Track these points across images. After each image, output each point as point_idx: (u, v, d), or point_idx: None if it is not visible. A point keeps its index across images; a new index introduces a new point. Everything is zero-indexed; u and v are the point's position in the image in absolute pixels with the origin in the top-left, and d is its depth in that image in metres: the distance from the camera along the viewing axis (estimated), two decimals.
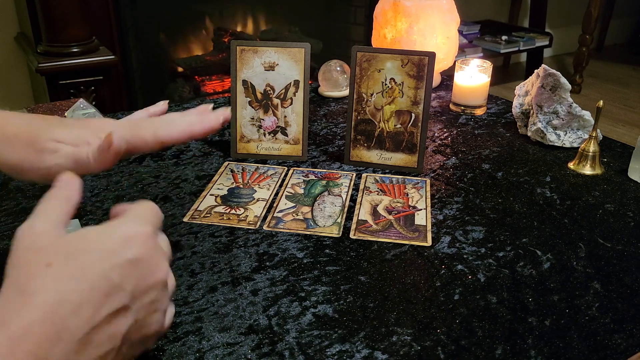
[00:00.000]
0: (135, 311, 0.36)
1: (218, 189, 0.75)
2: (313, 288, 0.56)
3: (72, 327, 0.32)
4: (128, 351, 0.36)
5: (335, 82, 1.11)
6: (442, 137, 0.94)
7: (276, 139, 0.84)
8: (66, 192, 0.40)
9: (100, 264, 0.35)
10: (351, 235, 0.65)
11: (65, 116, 0.87)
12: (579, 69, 3.13)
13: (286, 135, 0.84)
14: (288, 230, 0.66)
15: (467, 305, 0.54)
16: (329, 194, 0.74)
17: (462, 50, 2.88)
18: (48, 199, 0.39)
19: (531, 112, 0.92)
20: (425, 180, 0.79)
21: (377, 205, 0.72)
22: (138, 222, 0.39)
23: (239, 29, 2.58)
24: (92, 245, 0.36)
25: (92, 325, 0.33)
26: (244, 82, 0.83)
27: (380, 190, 0.76)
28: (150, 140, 0.49)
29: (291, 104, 0.83)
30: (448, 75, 1.22)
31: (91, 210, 0.69)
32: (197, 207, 0.71)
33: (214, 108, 0.54)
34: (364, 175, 0.80)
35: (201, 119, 0.53)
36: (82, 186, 0.41)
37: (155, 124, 0.51)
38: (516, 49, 3.09)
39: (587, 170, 0.81)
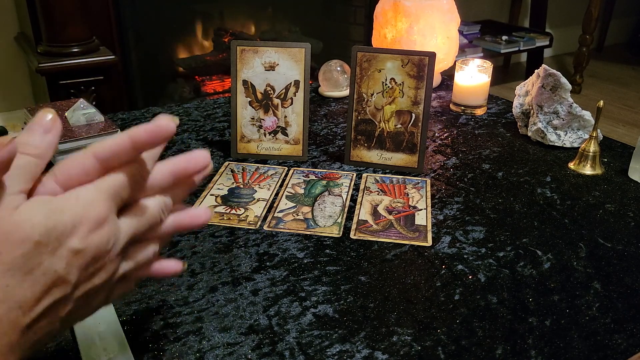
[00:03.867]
0: (75, 299, 0.35)
1: (218, 189, 0.75)
2: (313, 288, 0.56)
3: (12, 321, 0.32)
4: (65, 325, 0.36)
5: (335, 82, 1.11)
6: (442, 137, 0.94)
7: (276, 139, 0.84)
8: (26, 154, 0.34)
9: (47, 256, 0.32)
10: (351, 235, 0.65)
11: (65, 116, 0.87)
12: (579, 69, 3.13)
13: (286, 135, 0.84)
14: (288, 230, 0.66)
15: (468, 305, 0.54)
16: (330, 194, 0.74)
17: (462, 50, 2.88)
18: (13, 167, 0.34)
19: (531, 112, 0.92)
20: (426, 180, 0.79)
21: (378, 205, 0.72)
22: (95, 199, 0.35)
23: (239, 29, 2.58)
24: (39, 230, 0.32)
25: (32, 317, 0.33)
26: (245, 82, 0.83)
27: (381, 190, 0.76)
28: None
29: (291, 104, 0.83)
30: (448, 75, 1.22)
31: None
32: (198, 207, 0.71)
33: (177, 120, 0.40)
34: (364, 175, 0.80)
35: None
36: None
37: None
38: (516, 49, 3.08)
39: (588, 170, 0.81)
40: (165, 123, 0.36)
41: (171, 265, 0.43)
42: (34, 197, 0.34)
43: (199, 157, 0.40)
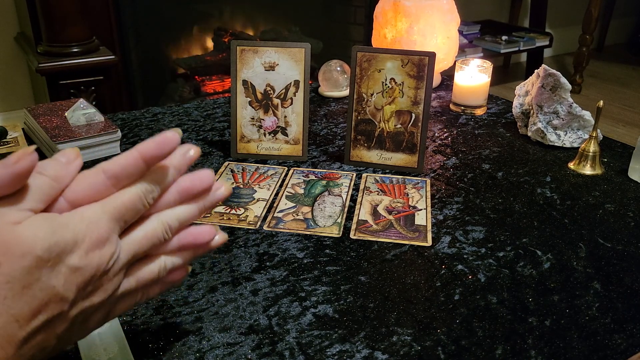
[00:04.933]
0: (72, 317, 0.35)
1: None
2: (313, 288, 0.56)
3: (8, 334, 0.32)
4: (62, 343, 0.36)
5: (335, 82, 1.11)
6: (442, 137, 0.94)
7: (276, 139, 0.84)
8: (54, 171, 0.35)
9: (46, 271, 0.33)
10: (351, 235, 0.65)
11: (65, 116, 0.87)
12: (579, 69, 3.13)
13: (286, 135, 0.84)
14: (288, 230, 0.66)
15: (468, 305, 0.54)
16: (329, 194, 0.74)
17: (462, 50, 2.88)
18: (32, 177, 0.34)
19: (531, 112, 0.92)
20: (426, 180, 0.79)
21: (377, 205, 0.72)
22: (98, 219, 0.35)
23: (239, 29, 2.58)
24: (41, 244, 0.32)
25: (28, 331, 0.33)
26: (244, 82, 0.83)
27: (381, 190, 0.76)
28: None
29: (291, 104, 0.83)
30: (448, 75, 1.22)
31: None
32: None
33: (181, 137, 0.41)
34: (364, 175, 0.80)
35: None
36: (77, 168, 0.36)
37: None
38: (516, 49, 3.09)
39: (587, 170, 0.81)
40: (171, 135, 0.37)
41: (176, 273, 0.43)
42: (39, 214, 0.34)
43: (203, 176, 0.40)
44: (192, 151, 0.39)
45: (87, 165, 0.38)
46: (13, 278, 0.32)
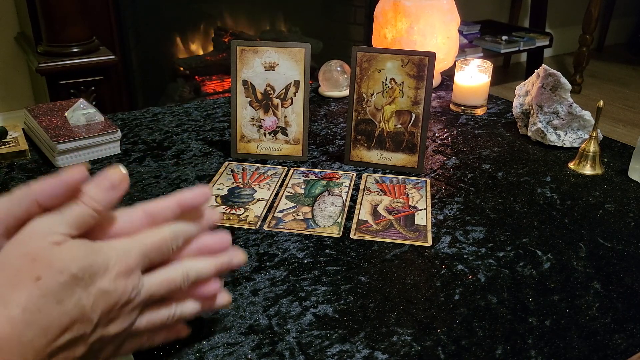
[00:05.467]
0: (91, 342, 0.37)
1: (218, 189, 0.75)
2: (313, 288, 0.56)
3: (35, 347, 0.33)
4: None
5: (335, 82, 1.11)
6: (442, 137, 0.94)
7: (276, 139, 0.84)
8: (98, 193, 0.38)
9: (79, 290, 0.35)
10: (351, 235, 0.65)
11: (65, 116, 0.87)
12: (579, 69, 3.13)
13: (286, 135, 0.84)
14: (288, 230, 0.66)
15: (468, 305, 0.54)
16: (329, 194, 0.74)
17: (462, 50, 2.88)
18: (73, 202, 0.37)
19: (531, 112, 0.92)
20: (426, 180, 0.79)
21: (378, 205, 0.72)
22: (129, 250, 0.38)
23: (239, 29, 2.58)
24: (77, 264, 0.35)
25: (53, 348, 0.34)
26: (244, 82, 0.83)
27: (381, 190, 0.76)
28: None
29: (291, 104, 0.83)
30: (448, 75, 1.23)
31: None
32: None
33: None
34: (364, 175, 0.80)
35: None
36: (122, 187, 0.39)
37: None
38: (516, 49, 3.08)
39: (588, 170, 0.81)
40: (207, 190, 0.43)
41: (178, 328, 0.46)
42: (75, 239, 0.37)
43: (223, 237, 0.45)
44: (225, 235, 0.45)
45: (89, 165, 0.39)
46: (50, 292, 0.34)
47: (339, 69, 1.11)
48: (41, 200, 0.37)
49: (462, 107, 1.05)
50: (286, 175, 0.79)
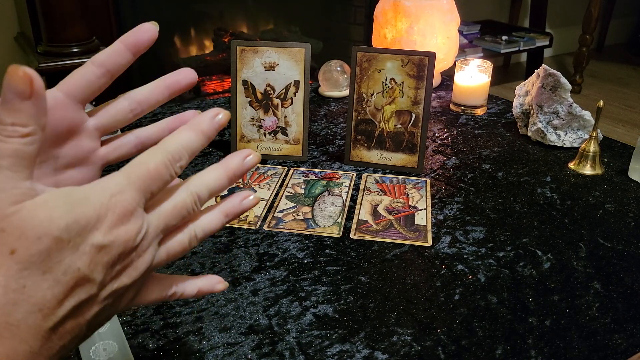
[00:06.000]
0: (102, 299, 0.32)
1: None
2: (313, 288, 0.56)
3: (31, 325, 0.29)
4: (92, 329, 0.34)
5: (335, 82, 1.11)
6: (442, 137, 0.94)
7: (276, 139, 0.84)
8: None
9: (68, 253, 0.30)
10: (351, 235, 0.65)
11: None
12: (579, 69, 3.13)
13: (286, 135, 0.84)
14: (288, 230, 0.66)
15: (468, 305, 0.54)
16: (329, 194, 0.74)
17: (462, 50, 2.88)
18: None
19: (531, 112, 0.92)
20: (426, 180, 0.79)
21: (378, 205, 0.72)
22: (122, 190, 0.32)
23: (239, 29, 2.58)
24: (57, 224, 0.29)
25: (55, 320, 0.30)
26: (244, 82, 0.83)
27: (381, 190, 0.76)
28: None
29: (291, 104, 0.83)
30: (448, 75, 1.23)
31: None
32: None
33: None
34: (364, 175, 0.80)
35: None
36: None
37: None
38: (516, 49, 3.08)
39: (588, 170, 0.81)
40: (148, 25, 0.39)
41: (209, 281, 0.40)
42: (53, 189, 0.31)
43: (185, 71, 0.42)
44: (222, 115, 0.36)
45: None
46: (31, 264, 0.29)
47: (339, 69, 1.11)
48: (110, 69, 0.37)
49: (462, 107, 1.05)
50: (286, 175, 0.79)
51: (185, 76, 0.41)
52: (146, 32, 0.38)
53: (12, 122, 0.29)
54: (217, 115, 0.36)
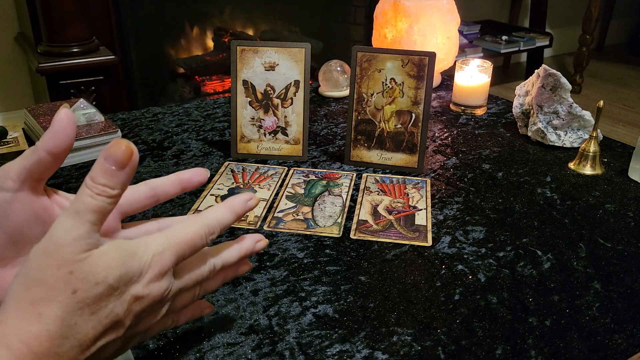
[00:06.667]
0: (123, 340, 0.37)
1: (218, 189, 0.75)
2: (313, 288, 0.56)
3: (70, 357, 0.34)
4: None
5: (335, 82, 1.11)
6: (442, 137, 0.94)
7: (276, 139, 0.84)
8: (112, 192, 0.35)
9: (114, 299, 0.35)
10: (351, 235, 0.65)
11: None
12: (579, 69, 3.13)
13: (286, 135, 0.84)
14: (288, 230, 0.66)
15: (468, 305, 0.54)
16: (330, 194, 0.74)
17: (462, 50, 2.88)
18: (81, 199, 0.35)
19: (531, 112, 0.92)
20: (426, 180, 0.79)
21: (378, 205, 0.72)
22: (163, 251, 0.37)
23: (239, 29, 2.58)
24: (114, 274, 0.34)
25: (87, 355, 0.35)
26: (245, 82, 0.83)
27: (381, 190, 0.76)
28: None
29: (291, 104, 0.83)
30: (448, 75, 1.22)
31: None
32: (198, 207, 0.71)
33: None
34: (364, 175, 0.80)
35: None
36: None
37: None
38: (516, 49, 3.08)
39: (588, 170, 0.81)
40: (203, 171, 0.46)
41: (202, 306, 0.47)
42: (110, 240, 0.36)
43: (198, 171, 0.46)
44: (253, 200, 0.43)
45: (90, 163, 0.39)
46: (85, 305, 0.34)
47: (339, 69, 1.11)
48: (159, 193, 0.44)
49: (462, 107, 1.05)
50: (286, 175, 0.79)
51: (197, 175, 0.46)
52: (200, 175, 0.45)
53: (104, 184, 0.34)
54: (249, 200, 0.43)
